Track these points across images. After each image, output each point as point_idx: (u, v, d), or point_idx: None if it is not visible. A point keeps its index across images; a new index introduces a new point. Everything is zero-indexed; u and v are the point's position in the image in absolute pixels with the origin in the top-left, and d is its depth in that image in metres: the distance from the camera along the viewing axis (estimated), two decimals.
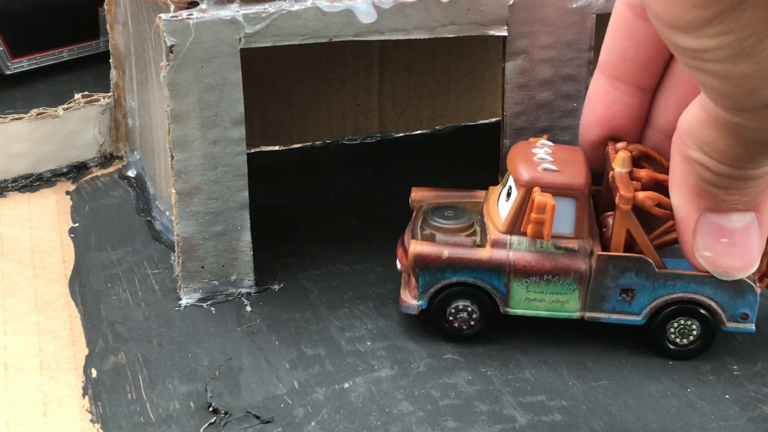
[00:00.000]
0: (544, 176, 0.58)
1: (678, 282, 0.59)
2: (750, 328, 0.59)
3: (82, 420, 0.56)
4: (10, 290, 0.66)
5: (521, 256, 0.59)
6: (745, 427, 0.56)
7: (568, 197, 0.58)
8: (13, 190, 0.78)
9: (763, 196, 0.48)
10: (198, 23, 0.59)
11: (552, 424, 0.55)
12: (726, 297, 0.59)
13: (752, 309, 0.59)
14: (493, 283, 0.60)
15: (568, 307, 0.60)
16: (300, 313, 0.64)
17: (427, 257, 0.60)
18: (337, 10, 0.61)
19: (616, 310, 0.60)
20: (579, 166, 0.59)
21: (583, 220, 0.59)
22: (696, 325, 0.60)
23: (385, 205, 0.76)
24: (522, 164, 0.59)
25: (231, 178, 0.63)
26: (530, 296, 0.60)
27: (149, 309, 0.65)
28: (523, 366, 0.60)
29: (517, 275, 0.59)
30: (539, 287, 0.59)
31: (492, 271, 0.59)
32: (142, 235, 0.72)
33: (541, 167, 0.59)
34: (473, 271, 0.60)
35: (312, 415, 0.56)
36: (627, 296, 0.59)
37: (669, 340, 0.60)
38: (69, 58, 0.96)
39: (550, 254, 0.59)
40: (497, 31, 0.65)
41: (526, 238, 0.59)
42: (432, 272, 0.60)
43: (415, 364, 0.60)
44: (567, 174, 0.59)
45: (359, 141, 0.87)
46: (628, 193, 0.56)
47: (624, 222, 0.58)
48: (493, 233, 0.60)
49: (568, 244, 0.59)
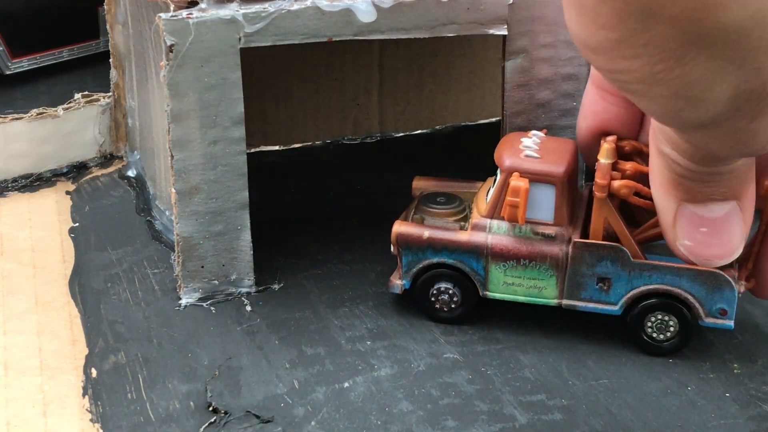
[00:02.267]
0: (523, 162, 0.60)
1: (654, 273, 0.59)
2: (728, 324, 0.59)
3: (82, 420, 0.56)
4: (10, 290, 0.66)
5: (499, 240, 0.60)
6: (746, 425, 0.55)
7: (547, 184, 0.59)
8: (13, 190, 0.78)
9: (741, 185, 0.48)
10: (198, 23, 0.59)
11: (552, 423, 0.55)
12: (703, 291, 0.59)
13: (730, 305, 0.59)
14: (472, 265, 0.61)
15: (545, 293, 0.61)
16: (300, 312, 0.64)
17: (408, 237, 0.62)
18: (336, 10, 0.61)
19: (594, 299, 0.60)
20: (563, 156, 0.60)
21: (562, 207, 0.60)
22: (673, 321, 0.60)
23: (385, 205, 0.75)
24: (506, 151, 0.61)
25: (231, 178, 0.63)
26: (508, 281, 0.61)
27: (149, 309, 0.65)
28: (523, 365, 0.60)
29: (495, 258, 0.61)
30: (516, 272, 0.61)
31: (470, 253, 0.61)
32: (142, 235, 0.72)
33: (523, 154, 0.60)
34: (453, 253, 0.61)
35: (312, 414, 0.56)
36: (604, 285, 0.60)
37: (646, 334, 0.60)
38: (69, 58, 0.96)
39: (528, 239, 0.60)
40: (497, 30, 0.65)
41: (505, 223, 0.60)
42: (414, 252, 0.62)
43: (415, 364, 0.60)
44: (547, 162, 0.60)
45: (359, 141, 0.87)
46: (603, 181, 0.58)
47: (601, 210, 0.58)
48: (475, 217, 0.62)
49: (546, 230, 0.60)
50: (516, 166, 0.59)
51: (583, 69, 0.67)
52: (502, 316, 0.64)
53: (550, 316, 0.63)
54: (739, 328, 0.62)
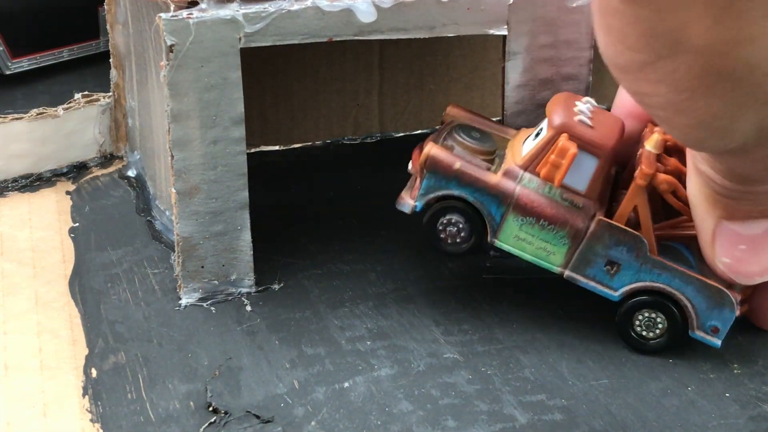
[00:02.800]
0: (576, 126, 0.59)
1: (665, 273, 0.59)
2: (716, 342, 0.59)
3: (82, 420, 0.56)
4: (10, 290, 0.66)
5: (527, 194, 0.59)
6: (746, 425, 0.55)
7: (592, 154, 0.58)
8: (13, 190, 0.78)
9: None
10: (198, 23, 0.59)
11: (552, 423, 0.55)
12: (704, 304, 0.58)
13: (725, 325, 0.59)
14: (491, 209, 0.60)
15: (552, 259, 0.60)
16: (300, 312, 0.64)
17: (439, 162, 0.60)
18: (336, 10, 0.61)
19: (597, 279, 0.60)
20: (613, 131, 0.60)
21: (598, 181, 0.59)
22: (662, 320, 0.60)
23: (385, 205, 0.75)
24: (560, 109, 0.60)
25: (231, 178, 0.63)
26: (521, 235, 0.60)
27: (149, 309, 0.65)
28: (523, 365, 0.60)
29: (516, 210, 0.59)
30: (532, 229, 0.60)
31: (494, 197, 0.60)
32: (142, 235, 0.72)
33: (577, 117, 0.59)
34: (476, 191, 0.60)
35: (312, 414, 0.56)
36: (612, 269, 0.59)
37: (633, 329, 0.60)
38: (69, 58, 0.96)
39: (555, 202, 0.59)
40: (497, 31, 0.64)
41: (538, 179, 0.59)
42: (438, 179, 0.60)
43: (415, 364, 0.60)
44: (599, 133, 0.59)
45: (359, 141, 0.87)
46: (650, 170, 0.57)
47: (635, 196, 0.58)
48: (509, 163, 0.60)
49: (576, 199, 0.59)
50: (568, 127, 0.58)
51: (583, 69, 0.67)
52: (502, 315, 0.64)
53: (550, 316, 0.63)
54: (739, 328, 0.62)
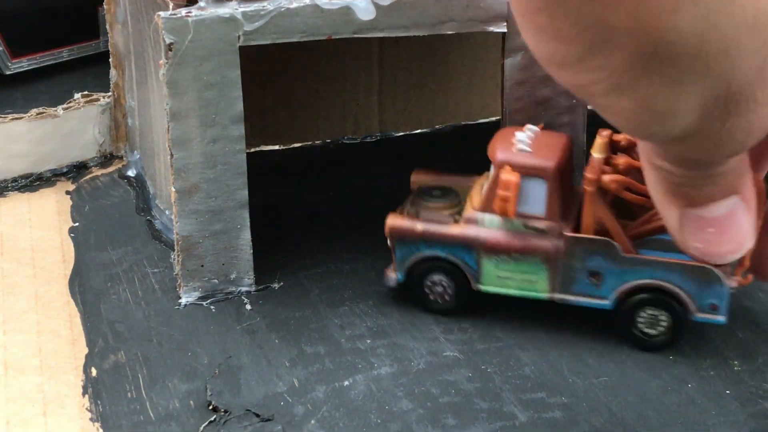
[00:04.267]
0: (515, 156, 0.60)
1: (645, 268, 0.59)
2: (719, 319, 0.59)
3: (82, 419, 0.56)
4: (10, 290, 0.66)
5: (491, 234, 0.61)
6: (746, 422, 0.55)
7: (538, 178, 0.59)
8: (13, 190, 0.78)
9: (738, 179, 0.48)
10: (197, 21, 0.59)
11: (552, 421, 0.55)
12: (694, 286, 0.59)
13: (721, 300, 0.59)
14: (464, 259, 0.61)
15: (537, 287, 0.61)
16: (300, 311, 0.64)
17: (401, 230, 0.62)
18: (335, 7, 0.61)
19: (585, 293, 0.60)
20: (555, 150, 0.61)
21: (554, 201, 0.60)
22: (665, 316, 0.60)
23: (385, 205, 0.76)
24: (499, 145, 0.61)
25: (230, 177, 0.63)
26: (501, 274, 0.61)
27: (149, 308, 0.65)
28: (523, 363, 0.60)
29: (487, 252, 0.61)
30: (509, 265, 0.61)
31: (463, 246, 0.61)
32: (142, 235, 0.72)
33: (515, 148, 0.60)
34: (445, 246, 0.62)
35: (312, 413, 0.56)
36: (595, 279, 0.60)
37: (637, 329, 0.60)
38: (69, 58, 0.96)
39: (520, 233, 0.60)
40: (496, 28, 0.64)
41: (498, 217, 0.60)
42: (407, 246, 0.62)
43: (415, 362, 0.60)
44: (539, 156, 0.60)
45: (359, 140, 0.87)
46: (593, 175, 0.58)
47: (590, 204, 0.59)
48: (468, 211, 0.62)
49: (538, 224, 0.60)
50: (507, 160, 0.60)
51: None
52: (502, 313, 0.64)
53: (550, 314, 0.63)
54: (740, 325, 0.62)
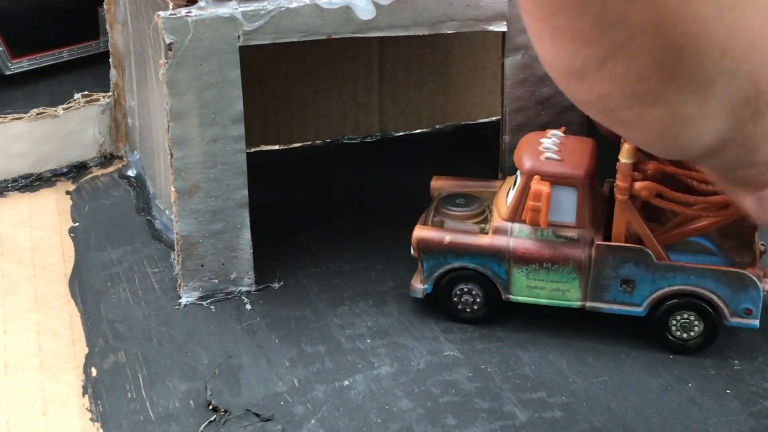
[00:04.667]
0: (544, 165, 0.59)
1: (679, 274, 0.59)
2: (753, 324, 0.59)
3: (82, 419, 0.56)
4: (10, 290, 0.66)
5: (521, 244, 0.60)
6: (746, 422, 0.55)
7: (568, 186, 0.59)
8: (13, 190, 0.78)
9: None
10: (197, 21, 0.59)
11: (552, 420, 0.55)
12: (728, 291, 0.58)
13: (755, 304, 0.59)
14: (494, 269, 0.61)
15: (569, 296, 0.60)
16: (300, 311, 0.64)
17: (429, 242, 0.61)
18: (335, 7, 0.61)
19: (617, 301, 0.60)
20: (583, 156, 0.60)
21: (584, 209, 0.59)
22: (698, 319, 0.59)
23: (385, 204, 0.76)
24: (526, 153, 0.60)
25: (230, 176, 0.63)
26: (531, 284, 0.60)
27: (149, 308, 0.65)
28: (523, 362, 0.60)
29: (517, 262, 0.60)
30: (539, 275, 0.60)
31: (492, 257, 0.60)
32: (142, 235, 0.72)
33: (543, 156, 0.59)
34: (474, 257, 0.61)
35: (312, 412, 0.56)
36: (628, 287, 0.59)
37: (671, 333, 0.60)
38: (69, 58, 0.96)
39: (550, 242, 0.59)
40: (496, 27, 0.64)
41: (527, 226, 0.59)
42: (435, 257, 0.61)
43: (415, 362, 0.60)
44: (568, 164, 0.59)
45: (359, 140, 0.87)
46: (624, 183, 0.57)
47: (623, 213, 0.58)
48: (496, 220, 0.61)
49: (568, 233, 0.59)
50: (537, 169, 0.59)
51: None
52: (503, 313, 0.63)
53: (550, 314, 0.63)
54: None
